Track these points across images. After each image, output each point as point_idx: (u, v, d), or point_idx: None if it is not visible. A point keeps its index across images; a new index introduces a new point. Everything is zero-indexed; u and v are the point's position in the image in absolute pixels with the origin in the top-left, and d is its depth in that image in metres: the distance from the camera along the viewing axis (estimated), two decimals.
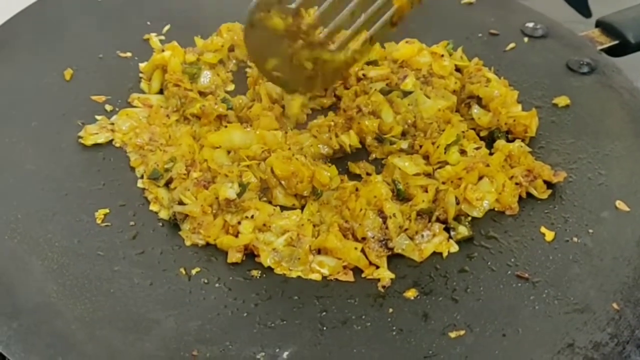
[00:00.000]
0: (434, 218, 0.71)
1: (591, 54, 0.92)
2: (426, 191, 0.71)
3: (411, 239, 0.68)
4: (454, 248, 0.69)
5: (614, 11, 0.98)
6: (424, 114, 0.79)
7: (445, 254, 0.68)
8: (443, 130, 0.77)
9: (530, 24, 0.96)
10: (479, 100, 0.82)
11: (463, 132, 0.77)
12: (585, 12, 1.15)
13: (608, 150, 0.79)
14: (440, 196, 0.71)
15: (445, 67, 0.84)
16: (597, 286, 0.65)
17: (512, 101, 0.82)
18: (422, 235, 0.69)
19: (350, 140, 0.78)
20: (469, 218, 0.72)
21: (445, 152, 0.75)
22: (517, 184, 0.74)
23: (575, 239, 0.70)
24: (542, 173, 0.74)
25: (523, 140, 0.79)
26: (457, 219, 0.71)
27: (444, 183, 0.72)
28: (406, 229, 0.68)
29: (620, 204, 0.73)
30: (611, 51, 0.95)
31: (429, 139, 0.77)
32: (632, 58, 0.95)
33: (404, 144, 0.78)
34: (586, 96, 0.86)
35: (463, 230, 0.70)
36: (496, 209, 0.73)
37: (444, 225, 0.71)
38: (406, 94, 0.80)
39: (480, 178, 0.73)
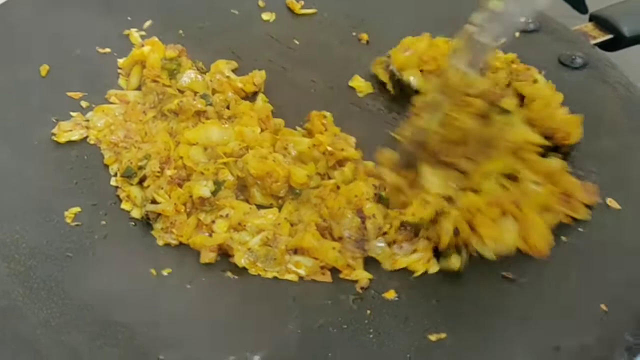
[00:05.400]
0: (421, 233, 0.66)
1: (584, 48, 0.89)
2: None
3: (389, 245, 0.66)
4: (434, 268, 0.65)
5: (608, 5, 0.96)
6: (510, 137, 0.70)
7: (418, 272, 0.64)
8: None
9: (522, 18, 0.93)
10: (521, 99, 0.78)
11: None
12: (582, 8, 1.12)
13: (600, 146, 0.76)
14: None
15: (497, 58, 0.81)
16: (585, 287, 0.63)
17: (557, 105, 0.77)
18: (401, 246, 0.66)
19: None
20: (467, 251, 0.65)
21: (483, 178, 0.67)
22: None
23: (563, 238, 0.67)
24: (576, 193, 0.68)
25: (559, 149, 0.74)
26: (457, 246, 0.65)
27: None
28: (385, 233, 0.66)
29: (611, 202, 0.70)
30: (605, 45, 0.92)
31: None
32: (627, 52, 0.93)
33: None
34: (579, 91, 0.84)
35: (454, 263, 0.64)
36: (522, 251, 0.65)
37: (433, 246, 0.66)
38: (503, 111, 0.72)
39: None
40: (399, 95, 0.83)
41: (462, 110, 0.69)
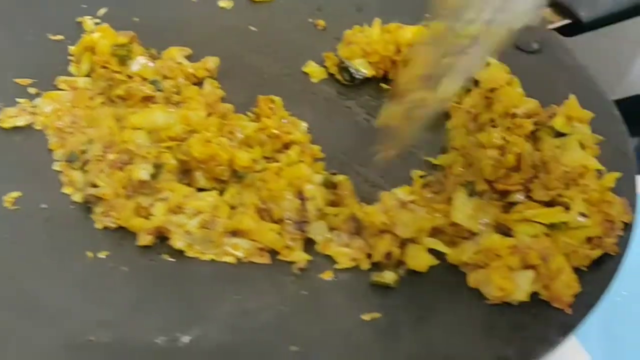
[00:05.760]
0: (363, 235, 0.65)
1: (540, 32, 0.89)
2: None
3: (330, 230, 0.66)
4: (365, 266, 0.63)
5: None
6: (566, 161, 0.67)
7: (341, 266, 0.63)
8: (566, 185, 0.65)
9: None
10: (476, 84, 0.77)
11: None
12: None
13: None
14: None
15: None
16: None
17: (512, 86, 0.77)
18: (339, 235, 0.65)
19: None
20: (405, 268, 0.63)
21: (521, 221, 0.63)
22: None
23: None
24: (620, 216, 0.64)
25: None
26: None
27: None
28: (326, 215, 0.66)
29: None
30: (562, 30, 0.92)
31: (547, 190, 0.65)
32: (583, 38, 0.93)
33: None
34: (534, 76, 0.83)
35: (388, 277, 0.62)
36: (541, 296, 0.61)
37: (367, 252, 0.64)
38: (557, 134, 0.70)
39: None
40: (351, 83, 0.84)
41: (513, 133, 0.69)
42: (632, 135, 0.88)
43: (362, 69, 0.84)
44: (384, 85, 0.84)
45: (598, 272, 0.63)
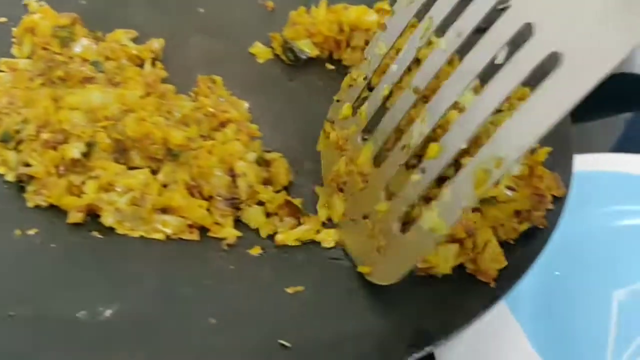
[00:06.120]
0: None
1: None
2: None
3: (268, 216, 0.66)
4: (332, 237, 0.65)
5: None
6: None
7: (290, 241, 0.65)
8: None
9: None
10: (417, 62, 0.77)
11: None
12: None
13: None
14: None
15: None
16: None
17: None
18: (282, 220, 0.66)
19: None
20: None
21: None
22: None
23: None
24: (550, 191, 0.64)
25: None
26: None
27: None
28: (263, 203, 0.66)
29: None
30: None
31: None
32: None
33: None
34: None
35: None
36: (468, 270, 0.62)
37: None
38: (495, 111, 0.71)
39: None
40: (296, 63, 0.84)
41: None
42: (619, 112, 0.90)
43: (306, 49, 0.84)
44: (329, 66, 0.84)
45: (526, 246, 0.63)
